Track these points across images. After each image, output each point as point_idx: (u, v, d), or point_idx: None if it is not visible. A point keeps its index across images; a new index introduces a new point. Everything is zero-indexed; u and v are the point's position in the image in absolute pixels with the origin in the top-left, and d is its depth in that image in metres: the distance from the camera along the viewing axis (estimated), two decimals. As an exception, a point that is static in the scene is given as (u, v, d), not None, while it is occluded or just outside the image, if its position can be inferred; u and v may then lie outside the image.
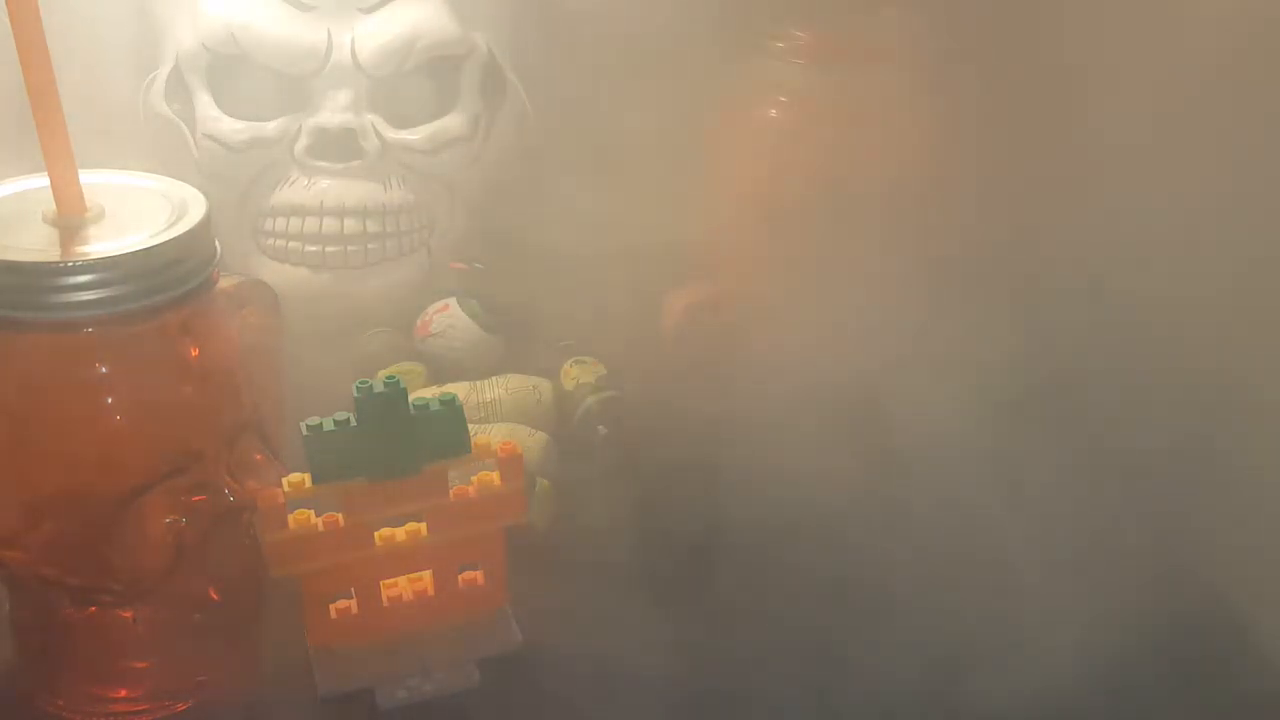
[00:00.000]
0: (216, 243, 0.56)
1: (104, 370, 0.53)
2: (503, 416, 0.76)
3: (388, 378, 0.57)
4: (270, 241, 0.88)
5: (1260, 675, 0.62)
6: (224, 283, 0.57)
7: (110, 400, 0.53)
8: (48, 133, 0.53)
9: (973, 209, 0.94)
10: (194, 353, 0.55)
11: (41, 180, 0.54)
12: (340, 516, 0.58)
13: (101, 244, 0.52)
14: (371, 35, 0.85)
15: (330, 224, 0.86)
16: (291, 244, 0.87)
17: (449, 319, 0.83)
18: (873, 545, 0.71)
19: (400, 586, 0.62)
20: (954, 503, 0.73)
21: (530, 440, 0.73)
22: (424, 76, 0.88)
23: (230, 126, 0.86)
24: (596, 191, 0.98)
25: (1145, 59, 0.80)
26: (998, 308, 0.78)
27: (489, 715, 0.60)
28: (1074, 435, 0.73)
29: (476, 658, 0.61)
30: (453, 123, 0.89)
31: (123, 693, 0.59)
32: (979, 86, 0.92)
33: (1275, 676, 0.62)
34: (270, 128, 0.86)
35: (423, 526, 0.60)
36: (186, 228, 0.53)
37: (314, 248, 0.87)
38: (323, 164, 0.86)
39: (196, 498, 0.55)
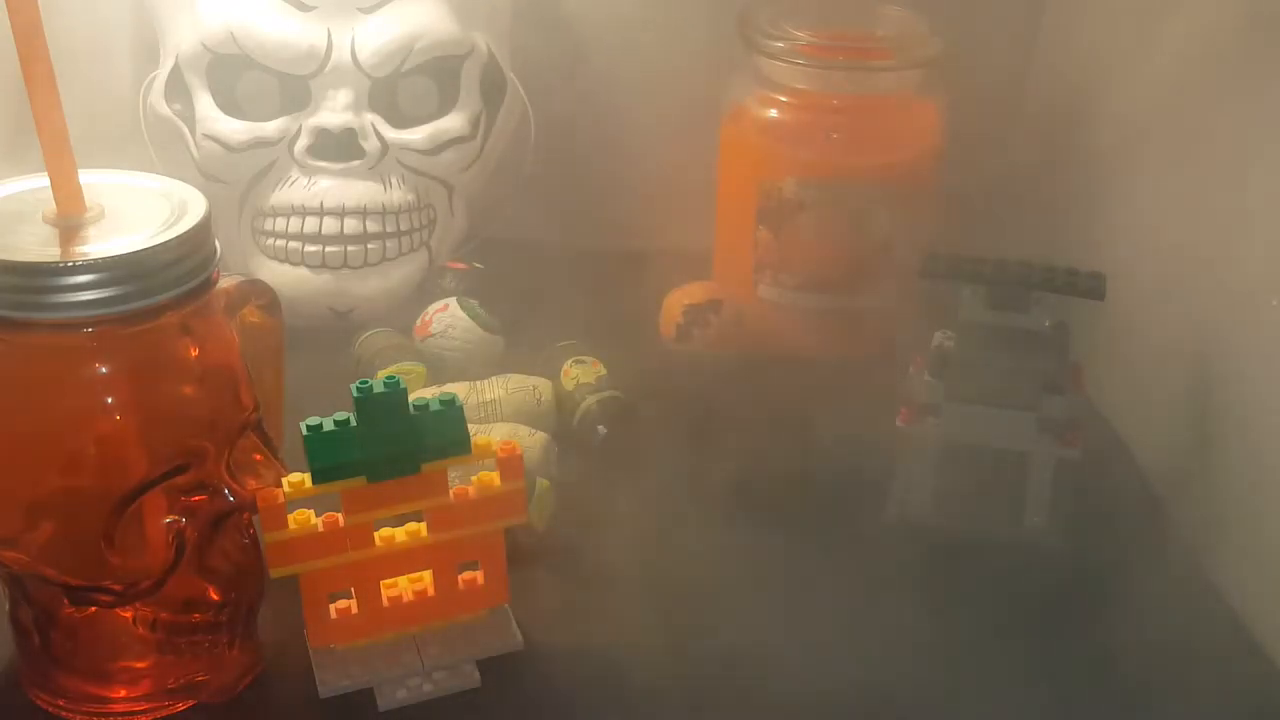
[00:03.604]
0: (216, 243, 0.56)
1: (104, 370, 0.53)
2: (503, 416, 0.76)
3: (388, 378, 0.57)
4: (270, 241, 0.88)
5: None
6: (224, 283, 0.57)
7: (110, 400, 0.53)
8: (48, 133, 0.53)
9: (974, 209, 0.94)
10: (194, 353, 0.55)
11: (41, 180, 0.54)
12: (340, 516, 0.58)
13: (101, 244, 0.52)
14: (371, 35, 0.85)
15: (330, 224, 0.86)
16: (291, 244, 0.87)
17: (449, 319, 0.83)
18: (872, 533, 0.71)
19: (400, 586, 0.62)
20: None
21: (530, 440, 0.73)
22: (424, 76, 0.88)
23: (230, 126, 0.86)
24: (596, 191, 0.98)
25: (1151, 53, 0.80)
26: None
27: (489, 715, 0.60)
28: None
29: (476, 658, 0.61)
30: (453, 123, 0.89)
31: (123, 693, 0.59)
32: (980, 84, 0.92)
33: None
34: (270, 128, 0.86)
35: (423, 526, 0.60)
36: (186, 228, 0.53)
37: (314, 248, 0.87)
38: (323, 164, 0.86)
39: (196, 498, 0.55)
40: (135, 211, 0.55)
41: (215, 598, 0.58)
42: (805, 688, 0.61)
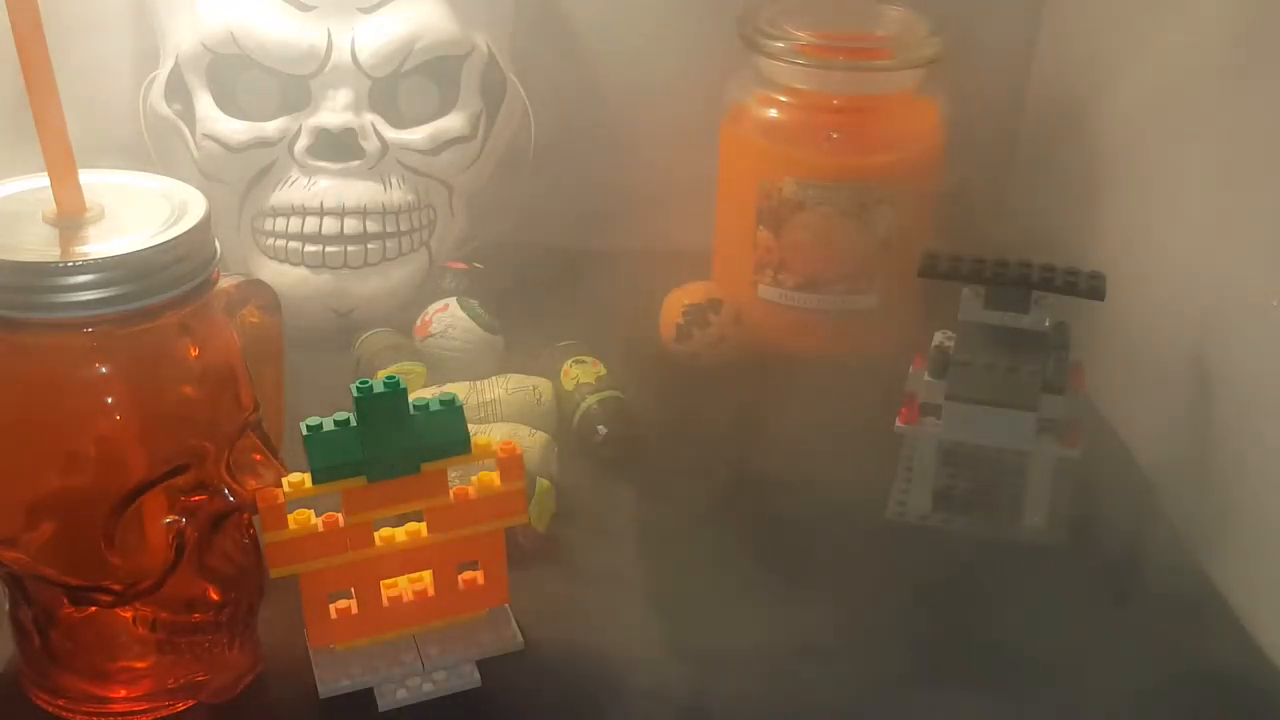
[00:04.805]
0: (216, 243, 0.56)
1: (104, 370, 0.53)
2: (503, 416, 0.76)
3: (388, 378, 0.57)
4: (270, 241, 0.88)
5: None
6: (224, 283, 0.57)
7: (110, 400, 0.53)
8: (48, 133, 0.53)
9: (974, 209, 0.94)
10: (194, 353, 0.55)
11: (41, 180, 0.54)
12: (340, 516, 0.58)
13: (101, 244, 0.52)
14: (371, 36, 0.85)
15: (330, 224, 0.86)
16: (291, 244, 0.87)
17: (449, 319, 0.83)
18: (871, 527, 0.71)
19: (400, 586, 0.62)
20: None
21: (530, 440, 0.73)
22: (424, 76, 0.88)
23: (230, 126, 0.86)
24: (596, 191, 0.98)
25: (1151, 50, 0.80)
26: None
27: (489, 715, 0.60)
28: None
29: (476, 658, 0.61)
30: (453, 123, 0.89)
31: (122, 693, 0.59)
32: (980, 84, 0.92)
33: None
34: (270, 128, 0.86)
35: (423, 527, 0.60)
36: (186, 228, 0.53)
37: (314, 248, 0.87)
38: (323, 164, 0.86)
39: (196, 498, 0.55)
40: (135, 211, 0.55)
41: (215, 598, 0.58)
42: (805, 687, 0.61)
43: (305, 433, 0.56)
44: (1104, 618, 0.65)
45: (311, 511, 0.58)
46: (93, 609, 0.56)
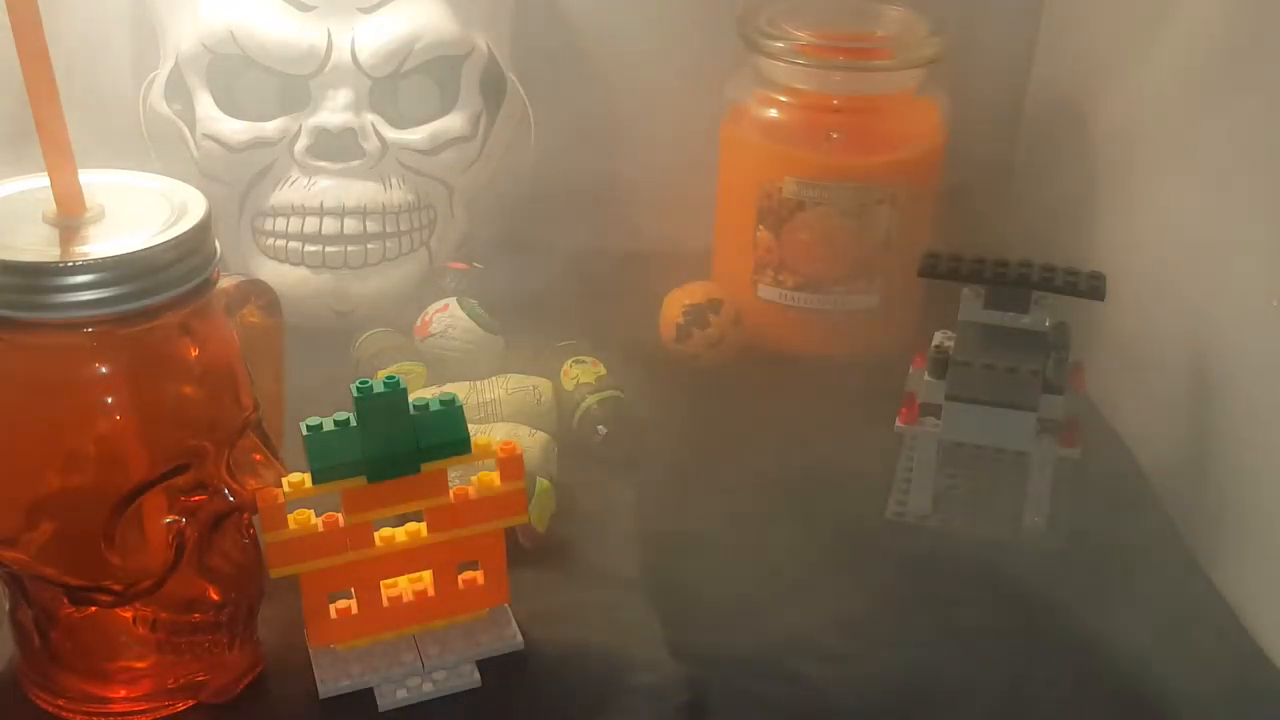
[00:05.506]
0: (216, 243, 0.56)
1: (104, 370, 0.53)
2: (503, 416, 0.76)
3: (388, 378, 0.57)
4: (270, 241, 0.88)
5: None
6: (224, 283, 0.57)
7: (110, 400, 0.53)
8: (48, 133, 0.53)
9: (974, 209, 0.94)
10: (194, 353, 0.55)
11: (41, 180, 0.54)
12: (340, 516, 0.58)
13: (101, 244, 0.52)
14: (371, 35, 0.85)
15: (330, 224, 0.86)
16: (291, 244, 0.87)
17: (449, 319, 0.83)
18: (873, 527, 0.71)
19: (400, 586, 0.62)
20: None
21: (530, 440, 0.73)
22: (424, 76, 0.88)
23: (230, 126, 0.86)
24: (596, 191, 0.98)
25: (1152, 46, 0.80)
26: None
27: (489, 715, 0.60)
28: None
29: (476, 658, 0.61)
30: (453, 123, 0.89)
31: (122, 693, 0.59)
32: (980, 84, 0.92)
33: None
34: (270, 128, 0.86)
35: (423, 527, 0.60)
36: (186, 228, 0.53)
37: (314, 248, 0.87)
38: (323, 164, 0.86)
39: (196, 498, 0.55)
40: (135, 211, 0.55)
41: (215, 598, 0.58)
42: (805, 687, 0.61)
43: (305, 433, 0.56)
44: (1103, 618, 0.65)
45: (311, 511, 0.58)
46: (93, 609, 0.56)
